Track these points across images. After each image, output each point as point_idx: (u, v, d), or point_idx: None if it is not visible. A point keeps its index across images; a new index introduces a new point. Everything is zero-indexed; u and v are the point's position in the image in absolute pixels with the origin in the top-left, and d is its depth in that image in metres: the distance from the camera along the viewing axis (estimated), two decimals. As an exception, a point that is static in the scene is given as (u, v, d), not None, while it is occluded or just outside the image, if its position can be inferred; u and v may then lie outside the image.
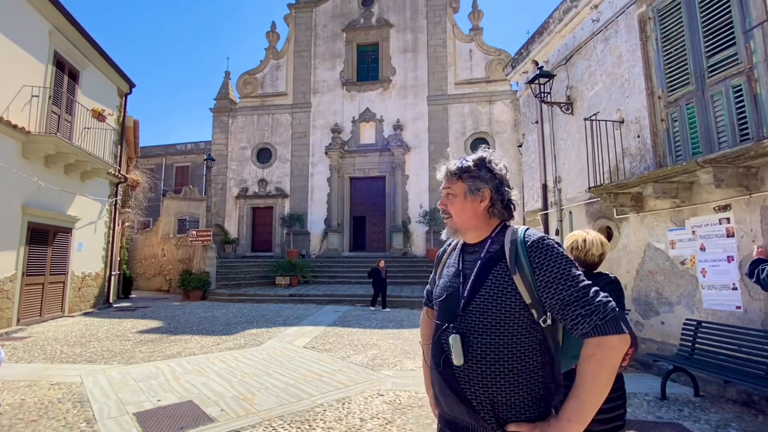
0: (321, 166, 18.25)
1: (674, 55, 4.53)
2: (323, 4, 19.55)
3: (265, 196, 18.54)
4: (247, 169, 18.83)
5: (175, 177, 26.53)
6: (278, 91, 19.20)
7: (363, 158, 18.06)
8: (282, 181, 18.53)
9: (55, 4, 8.57)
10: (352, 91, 18.56)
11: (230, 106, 19.22)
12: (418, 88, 18.13)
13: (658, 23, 4.73)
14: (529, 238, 1.07)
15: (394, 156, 17.55)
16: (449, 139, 17.50)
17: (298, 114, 18.79)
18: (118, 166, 11.37)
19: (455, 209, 1.17)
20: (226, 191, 18.76)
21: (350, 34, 18.96)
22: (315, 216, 18.04)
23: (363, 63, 18.91)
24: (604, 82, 5.65)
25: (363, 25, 18.94)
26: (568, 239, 1.86)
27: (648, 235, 5.00)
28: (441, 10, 18.40)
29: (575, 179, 6.33)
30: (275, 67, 19.49)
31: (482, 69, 17.75)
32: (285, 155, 18.67)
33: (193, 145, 26.96)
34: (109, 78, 11.11)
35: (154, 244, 17.38)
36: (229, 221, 18.65)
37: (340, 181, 18.04)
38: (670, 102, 4.62)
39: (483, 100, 17.50)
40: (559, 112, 6.59)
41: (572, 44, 6.37)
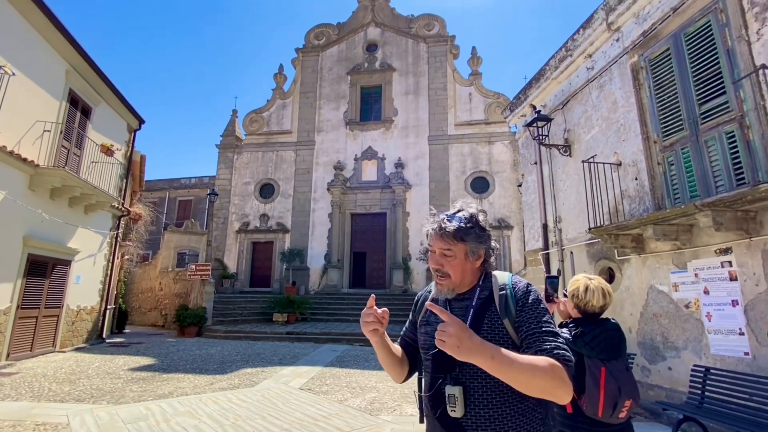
0: (323, 202, 18.42)
1: (667, 102, 4.70)
2: (329, 48, 20.58)
3: (266, 230, 18.57)
4: (250, 204, 18.99)
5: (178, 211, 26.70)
6: (283, 129, 19.76)
7: (364, 195, 18.27)
8: (283, 216, 18.63)
9: (74, 45, 9.01)
10: (355, 130, 19.08)
11: (236, 142, 19.70)
12: (419, 128, 18.67)
13: (650, 72, 4.95)
14: (517, 287, 1.17)
15: (395, 193, 17.76)
16: (449, 178, 17.79)
17: (302, 151, 19.22)
18: (122, 199, 11.48)
19: (455, 270, 1.17)
20: (228, 225, 18.82)
21: (354, 77, 19.80)
22: (315, 251, 17.99)
23: (366, 104, 19.62)
24: (600, 126, 5.83)
25: (367, 68, 19.83)
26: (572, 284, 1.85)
27: (650, 276, 4.97)
28: (442, 56, 19.31)
29: (575, 219, 6.37)
30: (281, 106, 20.17)
31: (481, 111, 18.35)
32: (287, 191, 18.89)
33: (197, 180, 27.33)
34: (119, 114, 11.47)
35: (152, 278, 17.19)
36: (229, 256, 18.56)
37: (341, 217, 18.13)
38: (666, 146, 4.74)
39: (482, 140, 17.96)
40: (558, 153, 6.74)
41: (568, 90, 6.62)
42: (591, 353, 1.69)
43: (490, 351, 0.96)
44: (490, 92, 18.45)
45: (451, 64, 19.21)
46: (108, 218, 11.02)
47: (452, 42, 19.49)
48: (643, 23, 5.06)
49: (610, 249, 5.45)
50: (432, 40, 19.60)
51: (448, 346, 0.95)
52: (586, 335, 1.72)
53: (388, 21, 20.48)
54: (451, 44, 19.45)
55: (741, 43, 3.86)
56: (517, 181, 16.14)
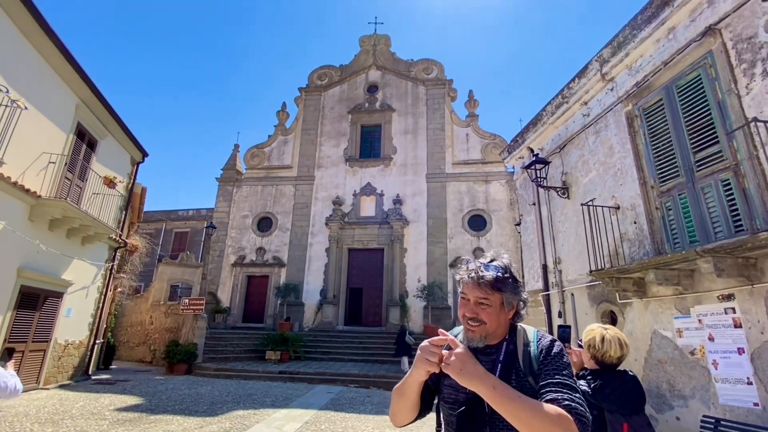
0: (320, 237, 18.38)
1: (663, 150, 4.85)
2: (332, 89, 21.33)
3: (261, 264, 18.38)
4: (247, 237, 18.91)
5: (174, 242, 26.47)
6: (284, 164, 20.06)
7: (362, 230, 18.27)
8: (280, 250, 18.50)
9: (85, 80, 9.25)
10: (355, 167, 19.41)
11: (236, 176, 19.91)
12: (417, 166, 19.04)
13: (644, 120, 5.13)
14: (542, 343, 1.17)
15: (393, 229, 17.79)
16: (447, 215, 17.93)
17: (301, 186, 19.41)
18: (120, 231, 11.41)
19: (490, 318, 1.18)
20: (224, 258, 18.62)
21: (355, 116, 20.40)
22: (311, 286, 17.73)
23: (366, 142, 20.10)
24: (597, 170, 5.97)
25: (367, 108, 20.48)
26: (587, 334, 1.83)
27: (653, 321, 4.92)
28: (440, 98, 20.03)
29: (575, 261, 6.37)
30: (283, 142, 20.59)
31: (478, 151, 18.81)
32: (285, 224, 18.89)
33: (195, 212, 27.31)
34: (124, 147, 11.62)
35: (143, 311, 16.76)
36: (223, 289, 18.23)
37: (338, 252, 18.03)
38: (663, 192, 4.84)
39: (479, 179, 18.29)
40: (556, 195, 6.85)
41: (565, 134, 6.84)
42: (612, 407, 1.64)
43: (491, 381, 0.97)
44: (487, 133, 18.99)
45: (448, 106, 19.88)
46: (104, 250, 10.90)
47: (450, 85, 20.28)
48: (636, 75, 5.32)
49: (611, 292, 5.42)
50: (431, 83, 20.40)
51: (451, 368, 0.98)
52: (605, 388, 1.68)
53: (388, 64, 21.38)
54: (449, 87, 20.23)
55: (731, 96, 4.05)
56: (514, 220, 16.28)
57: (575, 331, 6.25)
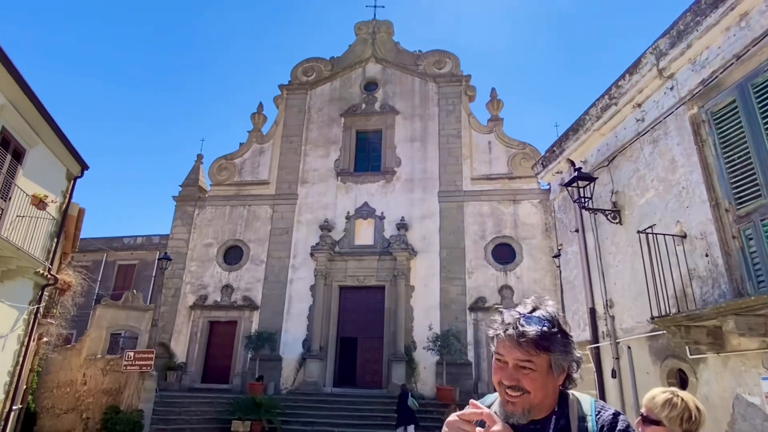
0: (304, 271, 18.32)
1: (738, 163, 4.88)
2: (320, 86, 21.70)
3: (228, 306, 18.23)
4: (210, 271, 18.84)
5: (117, 278, 26.33)
6: (259, 179, 20.20)
7: (357, 263, 18.21)
8: (252, 289, 18.39)
9: (14, 76, 9.38)
10: (348, 183, 19.53)
11: (198, 194, 20.03)
12: (427, 181, 19.14)
13: (714, 127, 5.19)
14: (603, 417, 1.16)
15: (396, 261, 17.73)
16: (465, 243, 17.93)
17: (280, 206, 19.48)
18: (49, 264, 11.35)
19: (534, 386, 1.15)
20: (180, 299, 18.48)
21: (349, 120, 20.66)
22: (291, 335, 17.52)
23: (363, 151, 20.30)
24: (656, 188, 6.01)
25: (365, 110, 20.76)
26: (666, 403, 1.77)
27: (735, 383, 4.82)
28: (455, 97, 20.36)
29: (632, 304, 6.32)
30: (258, 151, 20.80)
31: (504, 163, 18.98)
32: (259, 255, 18.86)
33: (145, 239, 27.28)
34: (59, 158, 11.69)
35: (74, 367, 16.45)
36: (178, 339, 18.01)
37: (326, 291, 17.91)
38: (741, 216, 4.84)
39: (506, 198, 18.37)
40: (605, 220, 6.87)
41: (614, 144, 6.92)
42: None
43: None
44: (514, 141, 19.20)
45: (466, 108, 20.18)
46: (29, 288, 10.80)
47: (467, 82, 20.67)
48: (702, 71, 5.42)
49: (679, 345, 5.35)
50: (443, 80, 20.78)
51: None
52: None
53: (390, 57, 21.83)
54: (467, 84, 20.61)
55: (821, 99, 4.11)
56: (551, 250, 16.21)
57: (633, 396, 6.12)
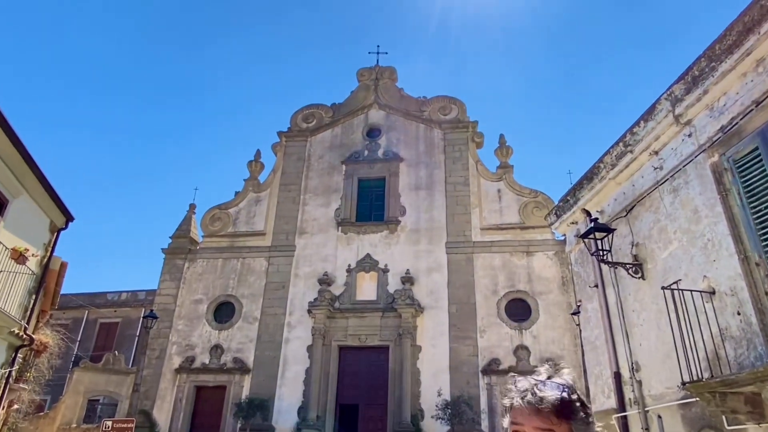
0: (300, 329, 18.08)
1: (765, 213, 4.88)
2: (321, 133, 22.28)
3: (217, 370, 17.87)
4: (199, 330, 18.60)
5: (97, 337, 25.92)
6: (254, 230, 20.33)
7: (359, 320, 18.01)
8: (244, 350, 18.10)
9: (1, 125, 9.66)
10: (350, 233, 19.62)
11: (189, 246, 20.12)
12: (433, 232, 19.22)
13: (737, 175, 5.24)
14: None
15: (401, 318, 17.54)
16: (476, 299, 17.77)
17: (276, 259, 19.49)
18: (25, 323, 11.24)
19: None
20: (164, 361, 18.13)
21: (351, 167, 21.04)
22: (285, 402, 17.07)
23: (365, 200, 20.51)
24: (680, 240, 5.99)
25: (367, 157, 21.21)
26: None
27: (783, 458, 4.62)
28: (461, 144, 20.81)
29: (660, 368, 6.16)
30: (254, 201, 21.05)
31: (515, 212, 19.11)
32: (252, 312, 18.67)
33: (130, 295, 27.06)
34: (43, 209, 11.84)
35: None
36: (161, 406, 17.52)
37: (325, 352, 17.60)
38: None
39: (518, 250, 18.38)
40: (626, 274, 6.81)
41: (632, 193, 6.97)
42: None
43: None
44: (525, 189, 19.44)
45: (473, 154, 20.59)
46: (1, 349, 10.65)
47: (474, 128, 21.20)
48: (720, 117, 5.54)
49: (715, 413, 5.16)
50: (449, 126, 21.33)
51: None
52: None
53: (394, 103, 22.52)
54: (473, 131, 21.13)
55: None
56: (569, 306, 15.99)
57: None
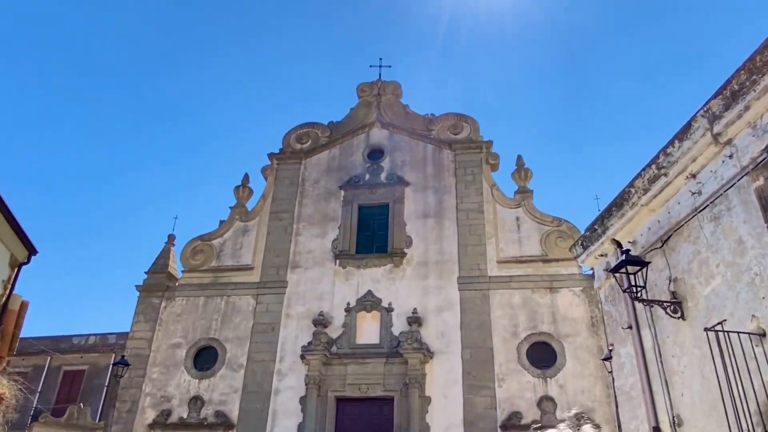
0: (292, 378, 17.89)
1: (820, 243, 4.89)
2: (316, 154, 22.48)
3: (197, 425, 17.58)
4: (176, 378, 18.41)
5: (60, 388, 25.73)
6: (241, 264, 20.29)
7: (359, 366, 17.81)
8: (227, 402, 17.88)
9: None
10: (349, 267, 19.56)
11: (167, 282, 20.06)
12: (444, 265, 19.15)
13: (786, 201, 5.26)
14: None
15: (407, 365, 17.33)
16: (493, 342, 17.57)
17: (265, 296, 19.39)
18: (-21, 371, 11.15)
19: None
20: (137, 415, 17.87)
21: (350, 193, 21.12)
22: (275, 463, 16.80)
23: (366, 230, 20.54)
24: (723, 275, 5.95)
25: (368, 181, 21.34)
26: None
27: None
28: (474, 167, 20.94)
29: (705, 422, 6.03)
30: (241, 231, 21.09)
31: (536, 243, 19.06)
32: (238, 358, 18.52)
33: (98, 339, 26.96)
34: (2, 240, 11.87)
35: (-2, 506, 15.68)
36: (132, 468, 17.26)
37: (320, 404, 17.34)
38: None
39: (541, 286, 18.26)
40: (663, 314, 6.74)
41: (667, 221, 6.95)
42: None
43: None
44: (548, 216, 19.44)
45: (488, 178, 20.69)
46: (-50, 401, 10.55)
47: (489, 149, 21.35)
48: (764, 136, 5.56)
49: (774, 476, 5.06)
50: (460, 146, 21.52)
51: None
52: None
53: (398, 121, 22.78)
54: (488, 152, 21.27)
55: None
56: (600, 351, 15.83)
57: None
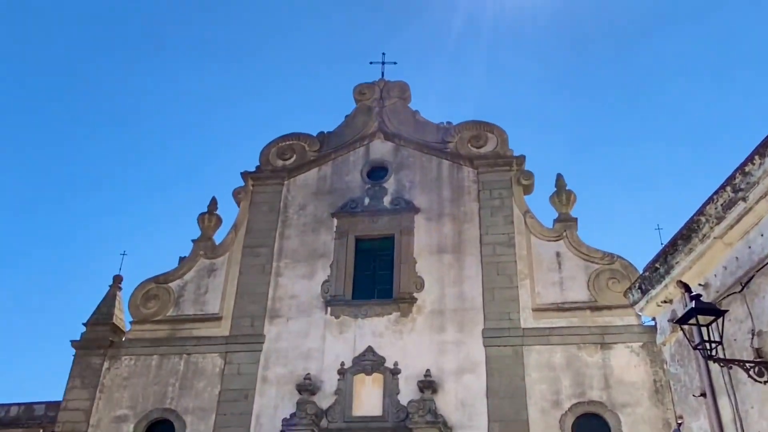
0: (272, 463, 17.59)
1: None
2: (303, 173, 22.52)
3: None
4: (122, 463, 18.10)
5: (-30, 475, 25.27)
6: (206, 313, 20.05)
7: (358, 448, 17.52)
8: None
9: None
10: (343, 317, 19.30)
11: (111, 336, 19.79)
12: (465, 314, 18.92)
13: None
14: None
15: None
16: (529, 414, 17.35)
17: (237, 355, 19.15)
18: None
19: None
20: None
21: (345, 222, 20.98)
22: None
23: (365, 268, 20.39)
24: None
25: (368, 207, 21.24)
26: None
27: None
28: (503, 188, 20.82)
29: None
30: (206, 271, 20.91)
31: (582, 285, 18.82)
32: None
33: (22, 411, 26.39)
34: None
35: None
36: None
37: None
38: None
39: (589, 341, 18.01)
40: (745, 377, 6.62)
41: (748, 258, 6.76)
42: None
43: None
44: (596, 251, 19.22)
45: (520, 203, 20.54)
46: None
47: (520, 166, 21.24)
48: None
49: None
50: (484, 163, 21.45)
51: None
52: None
53: (406, 131, 22.80)
54: (519, 169, 21.15)
55: None
56: (666, 425, 15.81)
57: None
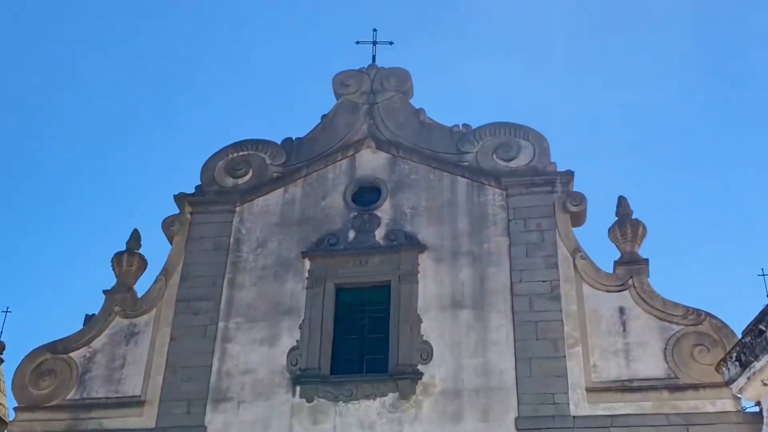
0: None
1: None
2: (262, 196, 22.24)
3: None
4: None
5: None
6: (122, 396, 19.80)
7: None
8: None
9: None
10: (319, 399, 18.92)
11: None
12: (491, 396, 18.55)
13: None
14: None
15: None
16: None
17: (165, 455, 18.44)
18: None
19: None
20: None
21: (321, 264, 20.60)
22: None
23: (349, 331, 20.19)
24: None
25: (354, 243, 20.84)
26: None
27: None
28: (543, 216, 20.27)
29: None
30: (125, 334, 20.67)
31: (656, 355, 18.32)
32: None
33: None
34: None
35: None
36: None
37: None
38: None
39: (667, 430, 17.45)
40: None
41: None
42: None
43: None
44: (676, 306, 18.81)
45: (567, 237, 19.95)
46: None
47: (568, 186, 20.69)
48: None
49: None
50: (515, 181, 20.96)
51: None
52: None
53: (407, 136, 22.42)
54: (566, 190, 20.57)
55: None
56: None
57: None
